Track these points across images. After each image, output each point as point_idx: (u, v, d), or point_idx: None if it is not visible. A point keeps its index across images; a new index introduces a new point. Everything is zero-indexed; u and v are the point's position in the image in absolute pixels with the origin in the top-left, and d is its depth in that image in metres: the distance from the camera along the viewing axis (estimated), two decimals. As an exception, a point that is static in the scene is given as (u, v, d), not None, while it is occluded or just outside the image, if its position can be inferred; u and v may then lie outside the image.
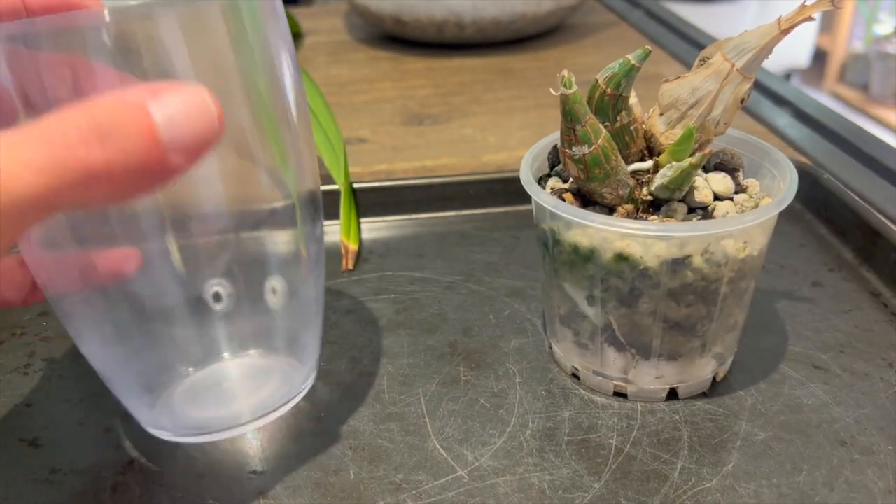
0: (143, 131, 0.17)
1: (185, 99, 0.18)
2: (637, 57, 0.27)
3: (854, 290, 0.38)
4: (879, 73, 2.23)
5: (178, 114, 0.18)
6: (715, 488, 0.27)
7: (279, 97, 0.25)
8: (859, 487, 0.27)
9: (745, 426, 0.29)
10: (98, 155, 0.17)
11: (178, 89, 0.18)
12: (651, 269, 0.27)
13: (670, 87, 0.29)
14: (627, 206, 0.28)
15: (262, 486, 0.27)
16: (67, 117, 0.17)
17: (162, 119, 0.18)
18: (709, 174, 0.29)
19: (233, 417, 0.30)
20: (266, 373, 0.31)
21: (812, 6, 0.25)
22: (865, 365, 0.32)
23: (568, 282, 0.30)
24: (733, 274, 0.28)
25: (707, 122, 0.28)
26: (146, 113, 0.17)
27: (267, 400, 0.30)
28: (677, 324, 0.29)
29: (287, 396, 0.31)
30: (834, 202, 0.42)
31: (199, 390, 0.30)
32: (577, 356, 0.32)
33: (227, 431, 0.30)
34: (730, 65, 0.27)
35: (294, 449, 0.29)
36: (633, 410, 0.30)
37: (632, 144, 0.29)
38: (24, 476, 0.28)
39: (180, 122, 0.18)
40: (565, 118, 0.26)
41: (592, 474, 0.27)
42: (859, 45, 2.37)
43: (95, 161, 0.17)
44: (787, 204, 0.27)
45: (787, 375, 0.32)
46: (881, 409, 0.30)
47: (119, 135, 0.17)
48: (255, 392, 0.31)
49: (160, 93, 0.18)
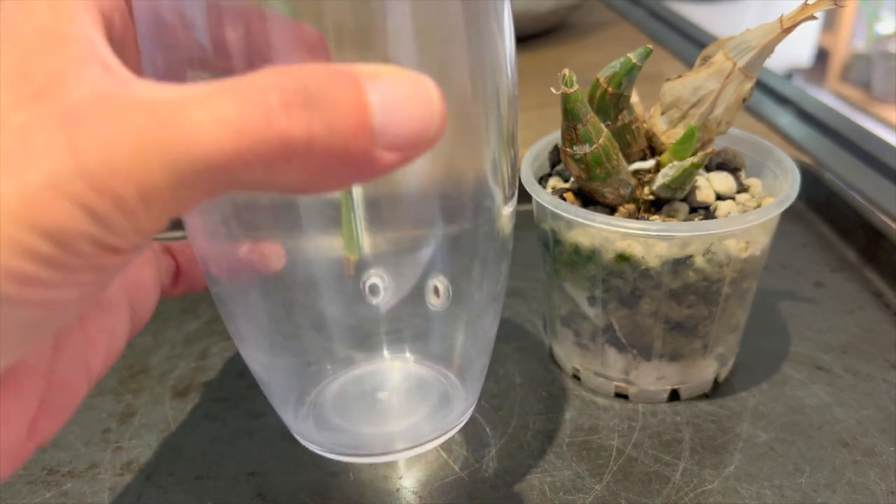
0: (355, 109, 0.14)
1: (407, 87, 0.15)
2: (638, 55, 0.27)
3: (856, 290, 0.37)
4: (881, 72, 2.23)
5: (396, 101, 0.15)
6: (717, 490, 0.26)
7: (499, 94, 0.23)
8: (861, 489, 0.26)
9: (746, 427, 0.29)
10: (300, 125, 0.14)
11: (401, 74, 0.15)
12: (652, 269, 0.27)
13: (672, 86, 0.28)
14: (629, 205, 0.28)
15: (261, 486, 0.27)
16: (269, 76, 0.14)
17: (378, 102, 0.15)
18: (710, 174, 0.29)
19: (386, 442, 0.27)
20: (423, 387, 0.29)
21: (814, 5, 0.25)
22: (868, 366, 0.32)
23: (569, 282, 0.29)
24: (735, 274, 0.28)
25: (709, 121, 0.28)
26: (362, 90, 0.15)
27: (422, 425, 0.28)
28: (679, 324, 0.28)
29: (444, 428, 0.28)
30: (836, 202, 0.42)
31: (351, 398, 0.28)
32: (577, 357, 0.31)
33: (379, 457, 0.27)
34: (732, 64, 0.27)
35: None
36: (635, 411, 0.30)
37: (633, 144, 0.29)
38: (21, 477, 0.28)
39: (397, 111, 0.15)
40: (566, 117, 0.26)
41: (594, 476, 0.27)
42: (861, 44, 2.37)
43: (296, 131, 0.14)
44: (790, 204, 0.27)
45: (789, 376, 0.32)
46: (883, 410, 0.30)
47: (327, 107, 0.14)
48: (410, 412, 0.28)
49: (380, 74, 0.15)
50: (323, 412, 0.28)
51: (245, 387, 0.32)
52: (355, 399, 0.28)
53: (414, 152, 0.15)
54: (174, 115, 0.14)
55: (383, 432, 0.28)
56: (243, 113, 0.14)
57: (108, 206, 0.14)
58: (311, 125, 0.14)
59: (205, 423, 0.30)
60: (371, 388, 0.28)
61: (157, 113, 0.14)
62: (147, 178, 0.14)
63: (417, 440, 0.27)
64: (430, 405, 0.28)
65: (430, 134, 0.16)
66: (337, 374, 0.28)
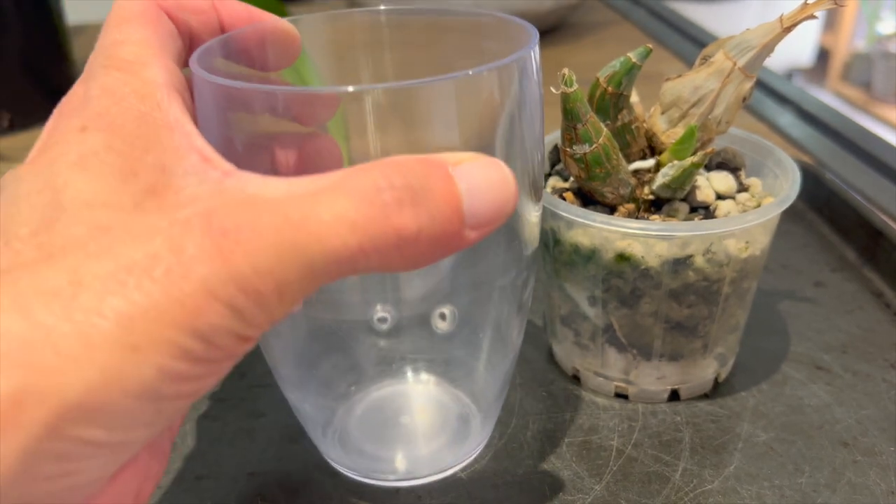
0: (449, 199, 0.16)
1: (485, 171, 0.17)
2: (638, 55, 0.27)
3: (856, 290, 0.37)
4: (882, 72, 2.22)
5: (479, 185, 0.17)
6: (717, 490, 0.26)
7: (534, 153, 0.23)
8: (861, 489, 0.26)
9: (746, 427, 0.29)
10: (410, 219, 0.16)
11: (479, 159, 0.17)
12: (652, 269, 0.27)
13: (672, 86, 0.28)
14: (629, 205, 0.28)
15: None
16: (379, 173, 0.16)
17: (465, 189, 0.17)
18: (710, 173, 0.29)
19: (410, 467, 0.28)
20: (442, 411, 0.29)
21: (814, 4, 0.25)
22: (868, 366, 0.32)
23: (568, 282, 0.29)
24: (735, 274, 0.28)
25: (709, 120, 0.28)
26: (452, 181, 0.16)
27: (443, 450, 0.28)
28: (679, 324, 0.28)
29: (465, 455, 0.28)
30: (836, 202, 0.42)
31: (375, 421, 0.29)
32: (577, 357, 0.31)
33: (404, 482, 0.27)
34: (732, 63, 0.27)
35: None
36: (635, 412, 0.30)
37: (633, 143, 0.29)
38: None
39: (481, 195, 0.17)
40: (566, 117, 0.26)
41: (593, 476, 0.27)
42: (862, 43, 2.37)
43: (408, 226, 0.16)
44: (790, 203, 0.27)
45: (788, 376, 0.32)
46: (883, 410, 0.30)
47: (429, 200, 0.16)
48: (433, 438, 0.29)
49: (461, 161, 0.17)
50: (347, 436, 0.28)
51: (245, 387, 0.32)
52: (378, 423, 0.29)
53: (494, 227, 0.17)
54: (304, 217, 0.15)
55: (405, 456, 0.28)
56: (363, 212, 0.15)
57: (250, 304, 0.15)
58: (419, 218, 0.16)
59: (205, 424, 0.30)
60: (393, 411, 0.29)
61: (290, 215, 0.15)
62: (285, 275, 0.15)
63: (439, 465, 0.28)
64: (450, 430, 0.29)
65: (508, 210, 0.17)
66: (360, 398, 0.29)
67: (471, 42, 0.25)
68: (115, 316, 0.14)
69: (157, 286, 0.14)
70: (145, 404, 0.15)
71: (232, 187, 0.16)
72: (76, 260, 0.15)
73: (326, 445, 0.28)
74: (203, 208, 0.15)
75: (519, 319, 0.26)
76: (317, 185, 0.16)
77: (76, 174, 0.16)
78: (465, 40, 0.25)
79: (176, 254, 0.15)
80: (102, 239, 0.15)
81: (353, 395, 0.29)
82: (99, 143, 0.17)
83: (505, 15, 0.24)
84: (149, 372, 0.14)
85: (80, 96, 0.18)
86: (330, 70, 0.27)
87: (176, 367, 0.15)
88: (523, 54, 0.21)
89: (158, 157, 0.17)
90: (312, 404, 0.28)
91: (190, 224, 0.15)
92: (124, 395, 0.14)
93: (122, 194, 0.16)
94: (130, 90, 0.18)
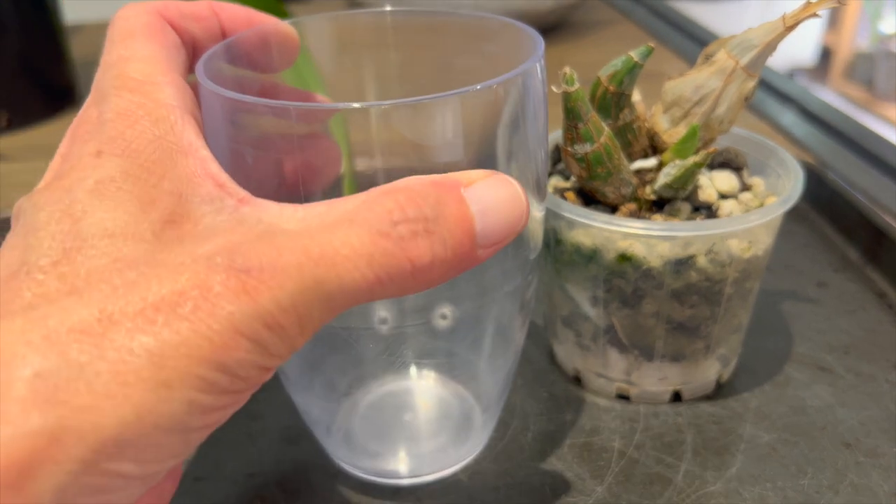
0: (462, 224, 0.16)
1: (497, 190, 0.17)
2: (640, 54, 0.27)
3: (859, 290, 0.37)
4: (885, 71, 2.22)
5: (491, 205, 0.17)
6: (719, 492, 0.26)
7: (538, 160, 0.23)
8: (864, 490, 0.26)
9: (749, 428, 0.29)
10: (425, 250, 0.16)
11: (491, 178, 0.17)
12: (654, 269, 0.27)
13: (674, 85, 0.28)
14: (630, 205, 0.28)
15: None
16: (393, 203, 0.16)
17: (478, 211, 0.17)
18: (713, 173, 0.29)
19: (413, 465, 0.28)
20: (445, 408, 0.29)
21: (816, 3, 0.25)
22: (870, 366, 0.32)
23: (570, 282, 0.29)
24: (738, 274, 0.27)
25: (711, 119, 0.28)
26: (465, 204, 0.17)
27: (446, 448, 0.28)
28: (681, 325, 0.28)
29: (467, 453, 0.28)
30: (839, 201, 0.42)
31: (378, 419, 0.28)
32: (579, 358, 0.31)
33: (407, 480, 0.27)
34: (734, 62, 0.27)
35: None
36: (636, 413, 0.30)
37: (634, 143, 0.29)
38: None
39: (493, 214, 0.17)
40: (567, 116, 0.26)
41: (595, 478, 0.27)
42: (865, 42, 2.36)
43: (423, 256, 0.16)
44: (794, 203, 0.27)
45: (791, 377, 0.32)
46: (886, 410, 0.30)
47: (443, 227, 0.16)
48: (436, 435, 0.29)
49: (473, 181, 0.17)
50: (351, 433, 0.28)
51: (244, 387, 0.32)
52: (382, 421, 0.29)
53: (506, 244, 0.18)
54: (323, 252, 0.15)
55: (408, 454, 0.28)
56: (380, 246, 0.16)
57: (273, 338, 0.15)
58: (433, 247, 0.16)
59: (204, 424, 0.30)
60: (396, 409, 0.29)
61: (310, 250, 0.15)
62: (306, 309, 0.15)
63: (441, 464, 0.27)
64: (452, 428, 0.29)
65: (519, 227, 0.18)
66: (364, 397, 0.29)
67: (473, 45, 0.25)
68: (147, 353, 0.14)
69: (186, 324, 0.15)
70: (175, 437, 0.15)
71: (249, 217, 0.16)
72: (102, 295, 0.15)
73: (331, 444, 0.28)
74: (225, 243, 0.16)
75: (522, 318, 0.26)
76: (332, 216, 0.16)
77: (95, 201, 0.16)
78: (468, 43, 0.25)
79: (202, 291, 0.15)
80: (127, 273, 0.15)
81: (356, 394, 0.29)
82: (115, 168, 0.17)
83: (509, 20, 0.24)
84: (179, 407, 0.15)
85: (94, 119, 0.18)
86: (333, 70, 0.26)
87: (204, 401, 0.15)
88: (529, 66, 0.21)
89: (174, 183, 0.17)
90: (317, 405, 0.28)
91: (213, 261, 0.15)
92: (156, 430, 0.14)
93: (142, 223, 0.16)
94: (144, 113, 0.18)
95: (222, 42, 0.22)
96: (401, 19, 0.26)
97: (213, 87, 0.19)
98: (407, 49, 0.26)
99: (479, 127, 0.20)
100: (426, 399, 0.30)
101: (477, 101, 0.20)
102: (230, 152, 0.20)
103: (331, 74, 0.26)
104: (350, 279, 0.15)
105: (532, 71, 0.21)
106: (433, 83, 0.24)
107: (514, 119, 0.21)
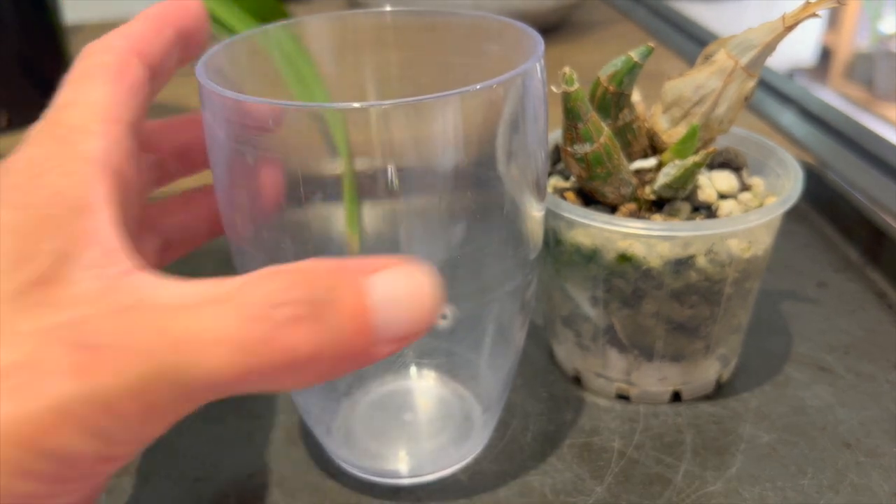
0: (356, 315, 0.15)
1: (405, 280, 0.15)
2: (640, 54, 0.27)
3: (859, 290, 0.37)
4: (885, 71, 2.22)
5: (396, 296, 0.15)
6: (719, 492, 0.26)
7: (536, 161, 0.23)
8: (864, 490, 0.26)
9: (749, 429, 0.29)
10: (307, 338, 0.14)
11: (398, 268, 0.15)
12: (654, 269, 0.27)
13: (673, 85, 0.28)
14: (630, 205, 0.28)
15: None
16: (278, 285, 0.14)
17: (379, 303, 0.15)
18: (713, 173, 0.29)
19: (414, 465, 0.28)
20: (445, 407, 0.29)
21: (816, 3, 0.25)
22: (871, 366, 0.32)
23: (569, 282, 0.29)
24: (738, 274, 0.27)
25: (711, 119, 0.28)
26: (363, 294, 0.15)
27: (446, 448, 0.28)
28: (681, 325, 0.28)
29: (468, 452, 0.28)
30: (839, 201, 0.42)
31: (379, 418, 0.28)
32: (578, 358, 0.31)
33: (407, 479, 0.27)
34: (734, 62, 0.27)
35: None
36: (636, 413, 0.30)
37: (634, 143, 0.29)
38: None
39: (396, 309, 0.15)
40: (567, 116, 0.26)
41: (595, 478, 0.27)
42: (865, 42, 2.36)
43: (304, 346, 0.14)
44: (793, 203, 0.27)
45: (791, 377, 0.32)
46: (886, 410, 0.30)
47: (333, 315, 0.14)
48: (436, 434, 0.29)
49: (378, 269, 0.15)
50: (351, 433, 0.28)
51: (244, 387, 0.32)
52: (382, 421, 0.29)
53: (413, 340, 0.16)
54: (183, 335, 0.14)
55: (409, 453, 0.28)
56: (249, 331, 0.14)
57: (112, 425, 0.14)
58: (318, 336, 0.14)
59: (203, 425, 0.30)
60: (396, 408, 0.29)
61: (168, 331, 0.14)
62: (155, 397, 0.14)
63: (441, 464, 0.27)
64: (453, 427, 0.29)
65: (426, 324, 0.16)
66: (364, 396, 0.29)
67: (473, 45, 0.25)
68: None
69: (7, 401, 0.13)
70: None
71: (124, 289, 0.15)
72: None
73: (331, 444, 0.28)
74: (80, 315, 0.14)
75: (522, 318, 0.26)
76: (211, 294, 0.14)
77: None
78: (468, 43, 0.25)
79: (32, 367, 0.14)
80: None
81: (356, 394, 0.29)
82: (3, 220, 0.16)
83: (509, 20, 0.24)
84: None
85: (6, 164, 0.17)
86: (333, 70, 0.27)
87: (21, 488, 0.13)
88: (529, 67, 0.21)
89: (62, 243, 0.16)
90: (317, 404, 0.28)
91: (55, 335, 0.14)
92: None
93: (9, 281, 0.15)
94: (55, 165, 0.17)
95: (223, 42, 0.22)
96: (401, 19, 0.26)
97: (214, 87, 0.19)
98: (407, 49, 0.26)
99: (478, 127, 0.20)
100: (426, 399, 0.30)
101: (477, 101, 0.20)
102: (230, 152, 0.20)
103: (331, 74, 0.26)
104: (211, 367, 0.14)
105: (532, 71, 0.21)
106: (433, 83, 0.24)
107: (513, 119, 0.21)
